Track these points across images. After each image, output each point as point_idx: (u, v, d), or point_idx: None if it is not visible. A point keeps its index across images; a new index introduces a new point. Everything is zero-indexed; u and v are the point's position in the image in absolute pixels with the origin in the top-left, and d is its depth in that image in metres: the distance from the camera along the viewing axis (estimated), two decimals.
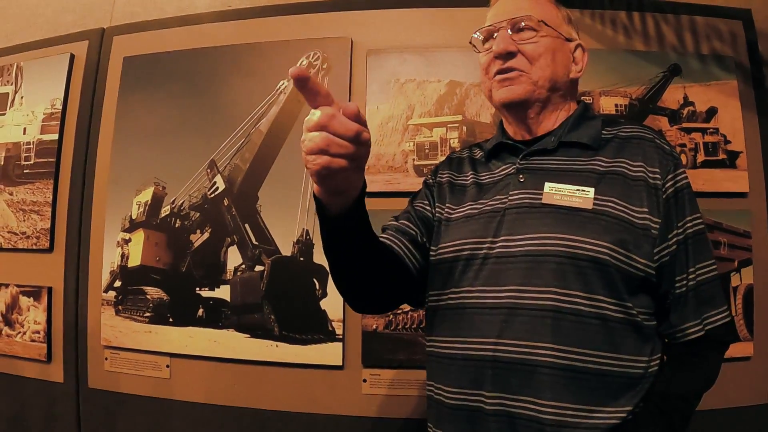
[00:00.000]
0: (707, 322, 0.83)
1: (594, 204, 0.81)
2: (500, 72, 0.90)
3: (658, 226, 0.82)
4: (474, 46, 0.97)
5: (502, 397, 0.79)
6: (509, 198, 0.87)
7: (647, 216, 0.81)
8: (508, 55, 0.89)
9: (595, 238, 0.79)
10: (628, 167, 0.84)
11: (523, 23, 0.89)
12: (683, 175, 0.85)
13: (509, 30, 0.90)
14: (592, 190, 0.82)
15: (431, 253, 0.94)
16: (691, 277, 0.83)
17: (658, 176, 0.83)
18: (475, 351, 0.82)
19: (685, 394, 0.81)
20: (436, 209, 0.98)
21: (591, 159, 0.87)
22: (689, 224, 0.84)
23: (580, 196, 0.82)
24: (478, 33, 0.96)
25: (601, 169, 0.85)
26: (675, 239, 0.83)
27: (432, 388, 0.91)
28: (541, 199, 0.84)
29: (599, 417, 0.77)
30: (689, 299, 0.83)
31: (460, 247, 0.88)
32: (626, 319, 0.79)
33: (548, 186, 0.84)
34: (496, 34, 0.91)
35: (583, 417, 0.76)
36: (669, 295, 0.83)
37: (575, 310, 0.78)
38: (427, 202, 1.00)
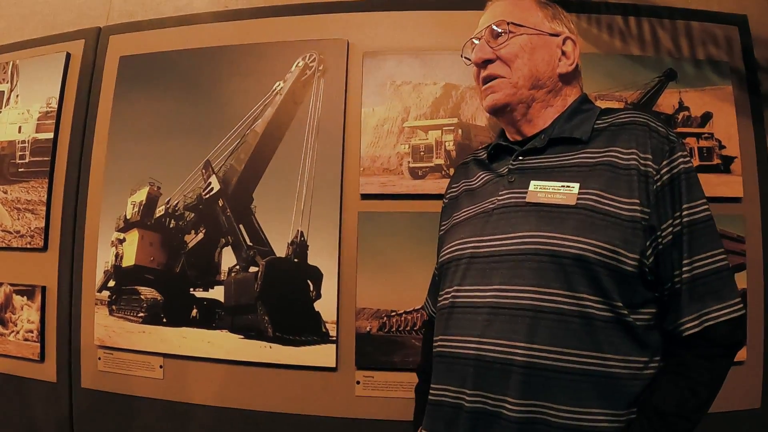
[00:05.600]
0: (706, 318, 0.77)
1: (578, 199, 0.80)
2: (484, 80, 0.93)
3: (648, 217, 0.78)
4: (467, 59, 0.99)
5: (481, 395, 0.80)
6: (498, 199, 0.88)
7: (637, 207, 0.78)
8: (486, 63, 0.92)
9: (577, 236, 0.77)
10: (620, 156, 0.81)
11: (496, 29, 0.91)
12: (681, 160, 0.80)
13: (488, 39, 0.92)
14: (576, 185, 0.81)
15: (439, 260, 0.99)
16: (686, 270, 0.78)
17: (650, 163, 0.79)
18: (460, 349, 0.83)
19: (682, 411, 0.76)
20: (441, 228, 1.04)
21: (579, 153, 0.85)
22: (686, 213, 0.79)
23: (564, 192, 0.81)
24: (464, 48, 0.99)
25: (590, 161, 0.83)
26: (669, 230, 0.79)
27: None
28: (525, 198, 0.84)
29: (578, 417, 0.75)
30: (684, 293, 0.78)
31: (455, 249, 0.91)
32: (613, 317, 0.77)
33: (533, 184, 0.85)
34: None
35: (555, 416, 0.75)
36: (666, 290, 0.80)
37: (556, 309, 0.77)
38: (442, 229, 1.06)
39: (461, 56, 1.00)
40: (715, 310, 0.78)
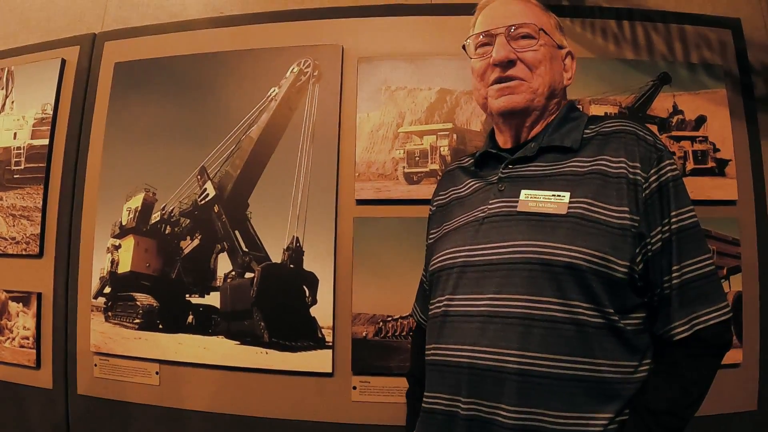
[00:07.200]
0: (696, 322, 0.79)
1: (569, 208, 0.80)
2: (499, 81, 0.88)
3: (637, 224, 0.79)
4: (465, 50, 0.95)
5: (476, 402, 0.80)
6: (488, 207, 0.88)
7: (626, 215, 0.79)
8: (509, 64, 0.87)
9: (568, 244, 0.78)
10: (609, 164, 0.82)
11: (522, 30, 0.88)
12: (669, 168, 0.81)
13: (510, 38, 0.88)
14: (567, 194, 0.81)
15: (429, 268, 0.97)
16: (675, 275, 0.79)
17: (639, 171, 0.80)
18: (454, 357, 0.83)
19: (674, 409, 0.77)
20: (430, 236, 1.03)
21: (569, 161, 0.85)
22: (674, 219, 0.80)
23: (554, 201, 0.82)
24: (471, 38, 0.94)
25: (580, 170, 0.83)
26: (659, 237, 0.80)
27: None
28: (516, 207, 0.84)
29: (572, 423, 0.76)
30: (673, 298, 0.80)
31: (446, 258, 0.91)
32: (605, 323, 0.78)
33: (524, 193, 0.84)
34: (494, 40, 0.89)
35: (549, 422, 0.76)
36: (656, 295, 0.81)
37: (548, 317, 0.77)
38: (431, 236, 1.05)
39: (462, 47, 0.95)
40: (705, 313, 0.79)
